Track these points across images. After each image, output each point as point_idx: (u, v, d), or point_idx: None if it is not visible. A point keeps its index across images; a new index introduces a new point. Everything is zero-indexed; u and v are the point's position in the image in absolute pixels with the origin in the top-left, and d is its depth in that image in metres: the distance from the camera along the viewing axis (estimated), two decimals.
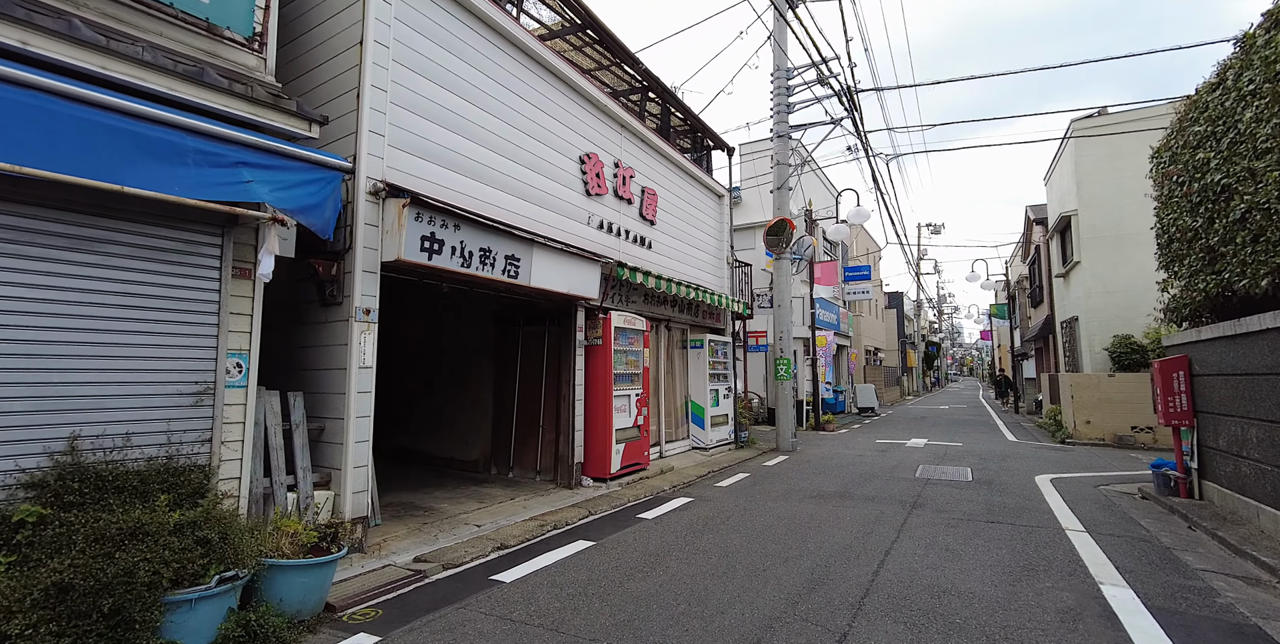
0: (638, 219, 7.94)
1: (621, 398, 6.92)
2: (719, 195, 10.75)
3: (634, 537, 4.78)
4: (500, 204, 5.53)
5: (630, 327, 7.18)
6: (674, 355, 9.27)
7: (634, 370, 7.27)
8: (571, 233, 6.47)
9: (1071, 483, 7.28)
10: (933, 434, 12.89)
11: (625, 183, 7.56)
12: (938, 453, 9.83)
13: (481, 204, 5.25)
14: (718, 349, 9.99)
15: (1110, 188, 12.68)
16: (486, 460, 7.14)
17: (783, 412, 10.47)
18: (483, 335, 7.45)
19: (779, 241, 10.60)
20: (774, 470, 8.18)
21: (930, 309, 48.07)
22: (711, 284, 10.11)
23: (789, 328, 10.64)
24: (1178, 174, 6.03)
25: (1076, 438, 11.67)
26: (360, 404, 4.03)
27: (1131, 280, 12.33)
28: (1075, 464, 8.82)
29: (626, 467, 6.92)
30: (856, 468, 8.29)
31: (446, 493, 6.03)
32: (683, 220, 9.32)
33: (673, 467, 7.88)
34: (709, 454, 9.24)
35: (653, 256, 8.22)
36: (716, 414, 9.72)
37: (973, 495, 6.44)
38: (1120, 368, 11.85)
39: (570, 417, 6.40)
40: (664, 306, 8.63)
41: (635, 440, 7.12)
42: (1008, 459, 9.25)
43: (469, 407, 7.41)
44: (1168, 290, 6.85)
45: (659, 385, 8.66)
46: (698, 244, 9.84)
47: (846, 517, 5.45)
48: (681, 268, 9.12)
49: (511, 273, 5.13)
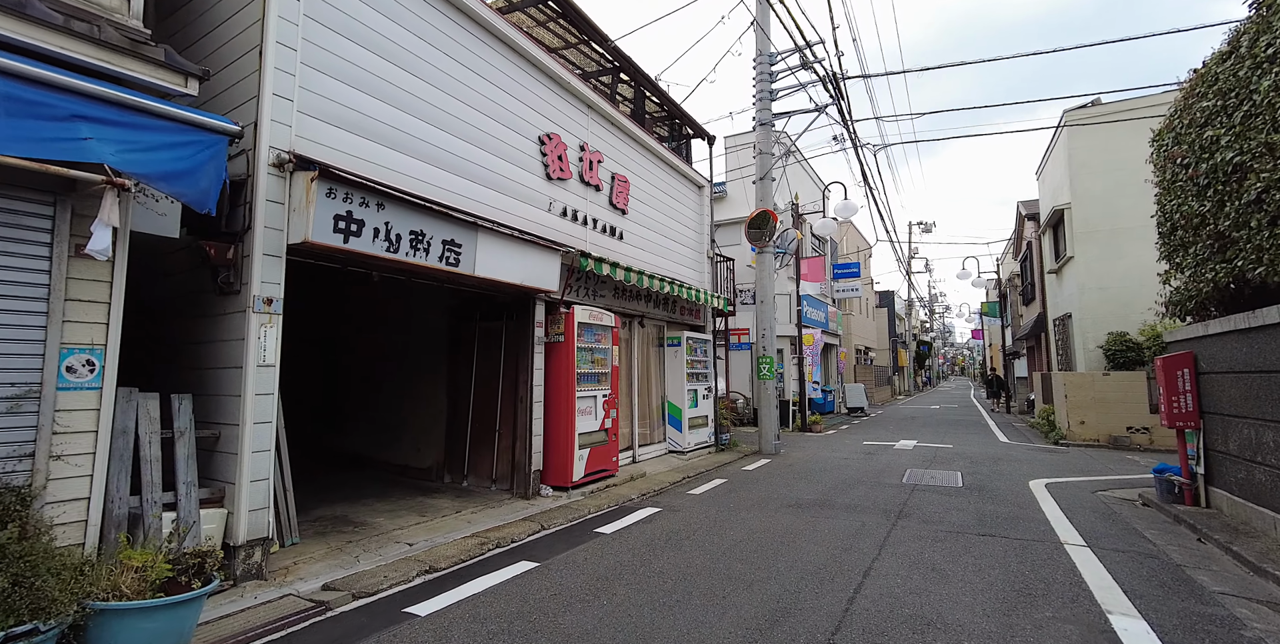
0: (607, 207, 7.42)
1: (586, 399, 6.40)
2: (699, 186, 10.25)
3: (585, 556, 4.26)
4: (443, 184, 5.00)
5: (597, 322, 6.66)
6: (649, 354, 8.76)
7: (601, 370, 6.75)
8: (529, 219, 5.95)
9: (1068, 488, 6.83)
10: (922, 435, 12.45)
11: (592, 168, 7.04)
12: (927, 456, 9.38)
13: (420, 183, 4.72)
14: (697, 347, 9.49)
15: (1104, 180, 12.29)
16: (439, 468, 6.60)
17: (765, 413, 9.98)
18: (437, 332, 6.90)
19: (762, 235, 10.11)
20: (753, 476, 7.68)
21: (922, 308, 47.87)
22: (691, 279, 9.61)
23: (772, 325, 10.16)
24: (1182, 156, 5.58)
25: (1070, 439, 11.26)
26: (260, 408, 3.49)
27: (1127, 276, 11.94)
28: (1070, 467, 8.39)
29: (592, 474, 6.40)
30: (840, 473, 7.81)
31: (388, 505, 5.48)
32: (659, 211, 8.81)
33: (644, 473, 7.36)
34: (686, 458, 8.74)
35: (624, 248, 7.70)
36: (695, 416, 9.22)
37: (963, 503, 5.97)
38: (1115, 366, 11.46)
39: (527, 421, 5.87)
40: (637, 302, 8.11)
41: (602, 445, 6.60)
42: (1000, 462, 8.81)
43: (422, 410, 6.86)
44: (1169, 282, 6.41)
45: (632, 386, 8.15)
46: (676, 236, 9.33)
47: (824, 529, 4.95)
48: (657, 261, 8.61)
49: (451, 260, 4.60)
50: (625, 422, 7.95)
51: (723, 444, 10.01)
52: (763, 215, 9.99)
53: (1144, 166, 12.02)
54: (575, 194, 6.76)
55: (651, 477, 7.25)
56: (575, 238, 6.65)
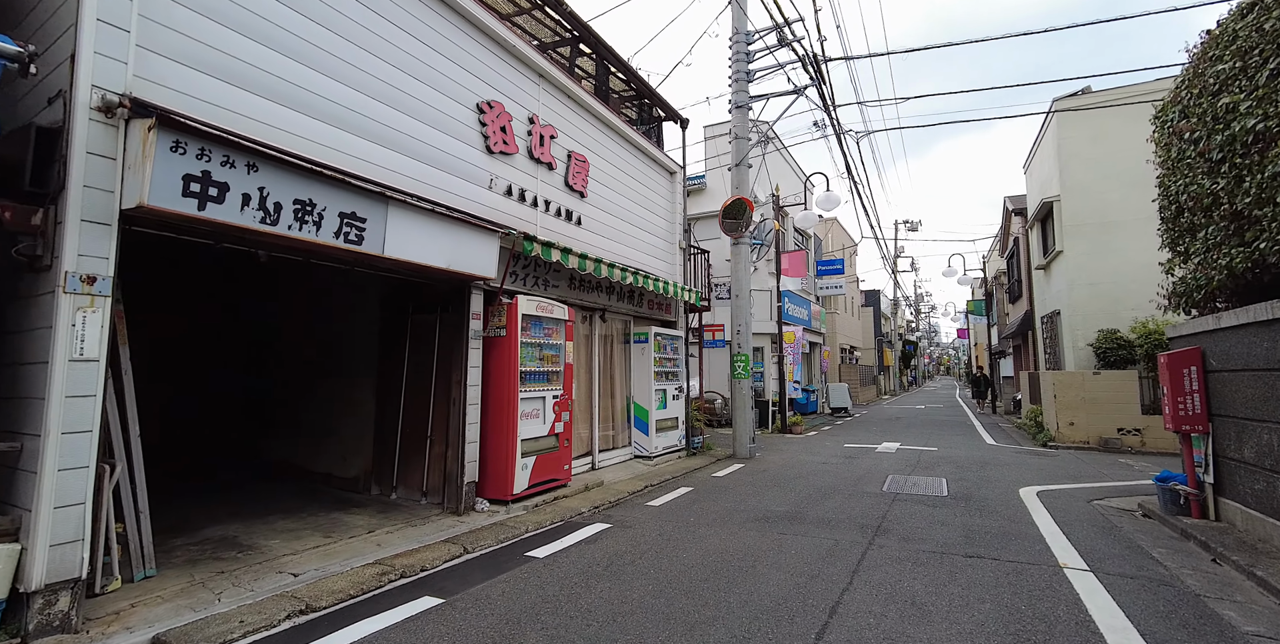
0: (562, 189, 6.73)
1: (533, 400, 5.72)
2: (671, 172, 9.60)
3: (504, 589, 3.58)
4: (355, 151, 4.29)
5: (546, 315, 5.98)
6: (613, 351, 8.09)
7: (552, 367, 6.07)
8: (465, 197, 5.25)
9: (1061, 497, 6.27)
10: (906, 437, 11.92)
11: (544, 143, 6.35)
12: (910, 460, 8.81)
13: (325, 149, 4.01)
14: (666, 344, 8.84)
15: (1095, 172, 11.83)
16: (366, 478, 5.88)
17: (740, 414, 9.36)
18: (370, 325, 6.18)
19: (738, 225, 9.49)
20: (722, 483, 7.05)
21: (908, 308, 47.69)
22: (660, 271, 8.95)
23: (748, 321, 9.54)
24: (1191, 130, 5.02)
25: (1059, 441, 10.77)
26: (74, 414, 2.77)
27: (1117, 271, 11.49)
28: (1061, 472, 7.85)
29: (538, 485, 5.72)
30: (817, 479, 7.20)
31: (294, 523, 4.76)
32: (625, 197, 8.14)
33: (602, 481, 6.69)
34: (653, 464, 8.08)
35: (583, 234, 7.02)
36: (663, 417, 8.57)
37: (948, 516, 5.37)
38: (1105, 365, 10.99)
39: (459, 426, 5.17)
40: (597, 293, 7.44)
41: (551, 452, 5.92)
42: (987, 467, 8.26)
43: (351, 412, 6.13)
44: (1172, 273, 5.86)
45: (592, 386, 7.48)
46: (644, 224, 8.67)
47: (791, 550, 4.32)
48: (622, 250, 7.94)
49: (352, 237, 3.89)
50: (583, 425, 7.28)
51: (694, 448, 9.38)
52: (738, 204, 9.36)
53: (1136, 158, 11.60)
54: (523, 171, 6.07)
55: (610, 486, 6.58)
56: (523, 220, 5.96)
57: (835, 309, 25.88)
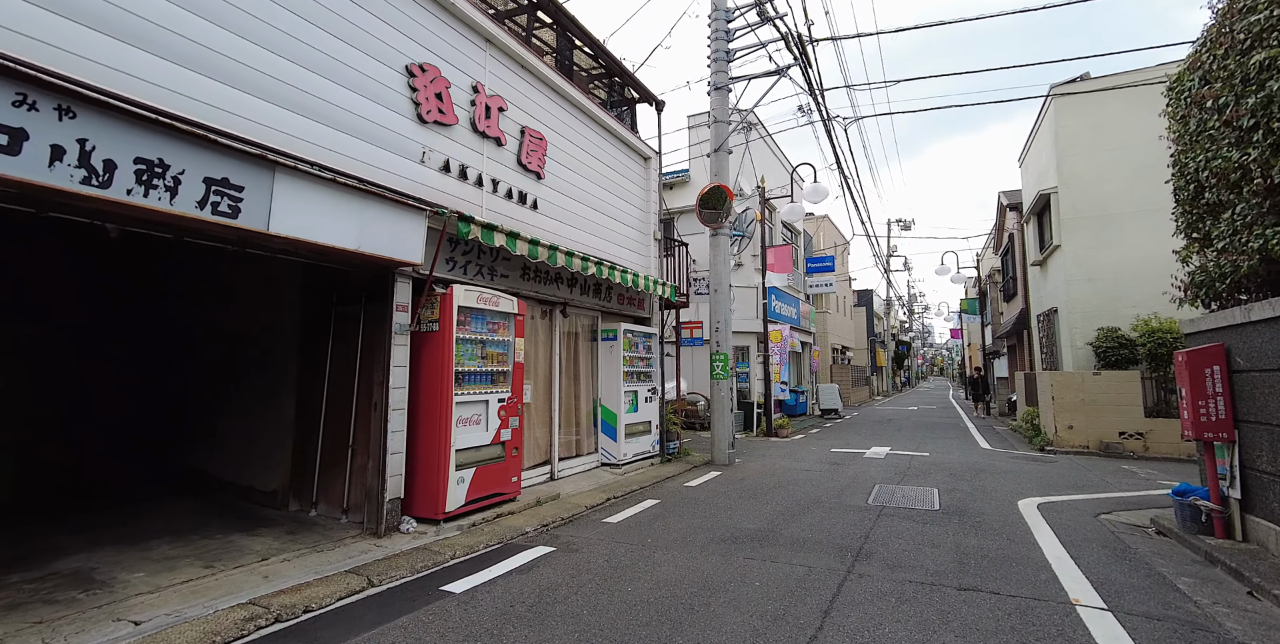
0: (515, 168, 6.07)
1: (472, 404, 5.05)
2: (645, 157, 8.95)
3: (395, 639, 2.91)
4: (246, 111, 3.62)
5: (491, 308, 5.31)
6: (578, 349, 7.42)
7: (498, 367, 5.41)
8: (389, 170, 4.59)
9: (1064, 510, 5.65)
10: (897, 441, 11.31)
11: (490, 116, 5.68)
12: (900, 466, 8.19)
13: (182, 99, 3.34)
14: (638, 342, 8.18)
15: (1094, 162, 11.26)
16: (285, 492, 5.19)
17: (718, 417, 8.72)
18: (292, 318, 5.49)
19: (717, 215, 8.84)
20: (694, 495, 6.40)
21: (901, 308, 47.24)
22: (633, 263, 8.31)
23: (728, 317, 8.90)
24: (1214, 96, 4.41)
25: (1057, 445, 10.19)
26: None
27: (1118, 267, 10.93)
28: (1062, 481, 7.25)
29: (478, 500, 5.04)
30: (798, 489, 6.56)
31: (177, 548, 4.07)
32: (591, 181, 7.48)
33: (559, 494, 6.02)
34: (621, 472, 7.42)
35: (539, 219, 6.36)
36: (634, 421, 7.91)
37: (940, 534, 4.74)
38: (1106, 365, 10.42)
39: (381, 434, 4.50)
40: (557, 286, 6.77)
41: (495, 463, 5.25)
42: (982, 474, 7.65)
43: (272, 417, 5.45)
44: (1188, 261, 5.26)
45: (552, 388, 6.80)
46: (614, 213, 8.01)
47: (756, 581, 3.67)
48: (587, 239, 7.28)
49: (224, 209, 3.22)
50: (541, 431, 6.61)
51: (670, 454, 8.72)
52: (716, 192, 8.72)
53: (1138, 146, 11.04)
54: (464, 146, 5.40)
55: (567, 499, 5.92)
56: (464, 200, 5.29)
57: (826, 308, 25.32)
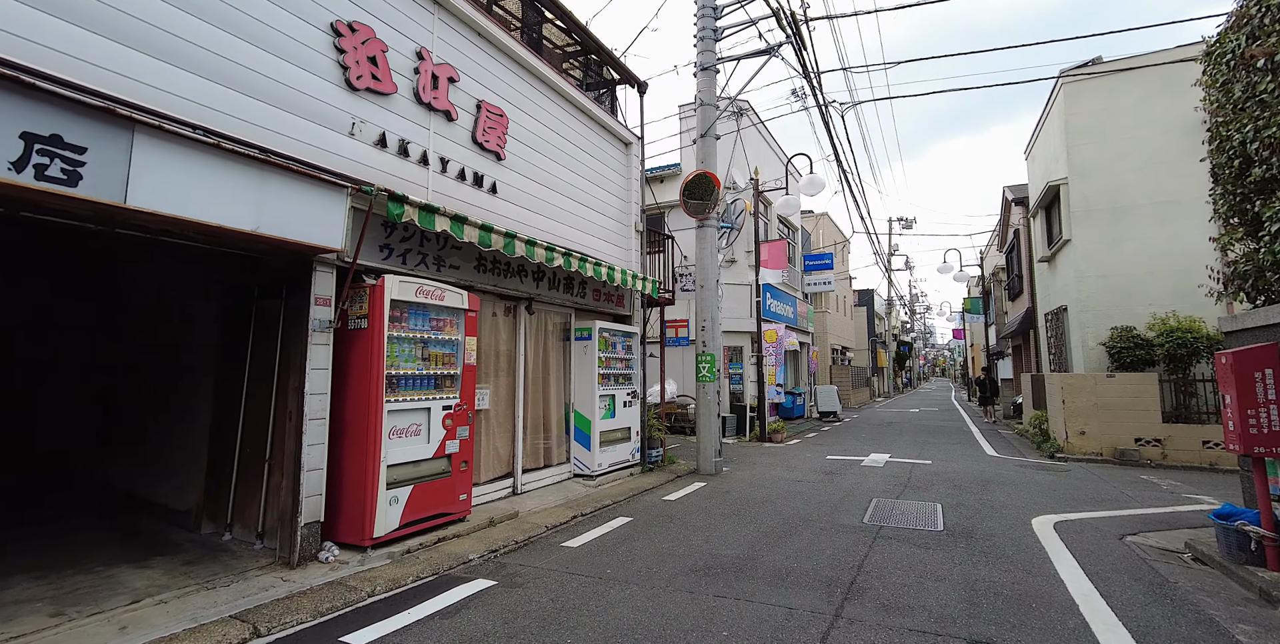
0: (470, 147, 5.44)
1: (410, 412, 4.42)
2: (626, 142, 8.32)
3: None
4: (118, 64, 3.00)
5: (434, 302, 4.69)
6: (547, 349, 6.79)
7: (445, 370, 4.78)
8: (310, 142, 3.96)
9: (1084, 531, 5.01)
10: (898, 447, 10.66)
11: (439, 86, 5.06)
12: (900, 476, 7.55)
13: (56, 54, 2.71)
14: (616, 342, 7.55)
15: (1107, 151, 10.61)
16: (199, 512, 4.56)
17: (704, 423, 8.08)
18: (213, 314, 4.87)
19: (704, 206, 8.22)
20: (671, 511, 5.76)
21: (902, 308, 46.55)
22: (612, 256, 7.68)
23: (715, 315, 8.26)
24: (1268, 53, 3.77)
25: (1069, 452, 9.54)
26: None
27: (1132, 262, 10.28)
28: (1078, 494, 6.60)
29: (418, 522, 4.41)
30: (787, 504, 5.92)
31: (39, 587, 3.43)
32: (562, 165, 6.85)
33: (518, 511, 5.39)
34: (595, 484, 6.78)
35: (499, 205, 5.73)
36: (612, 428, 7.27)
37: (945, 563, 4.10)
38: (1120, 366, 9.77)
39: (296, 446, 3.87)
40: (520, 279, 6.14)
41: (439, 479, 4.62)
42: (990, 486, 7.00)
43: (187, 427, 4.82)
44: (1229, 249, 4.63)
45: (515, 391, 6.17)
46: (590, 201, 7.38)
47: (725, 628, 3.03)
48: (558, 228, 6.65)
49: (56, 174, 2.59)
50: (502, 440, 5.98)
51: (652, 462, 8.08)
52: (702, 180, 8.09)
53: (1154, 134, 10.42)
54: (405, 118, 4.77)
55: (526, 517, 5.29)
56: (405, 180, 4.67)
57: (826, 308, 24.67)
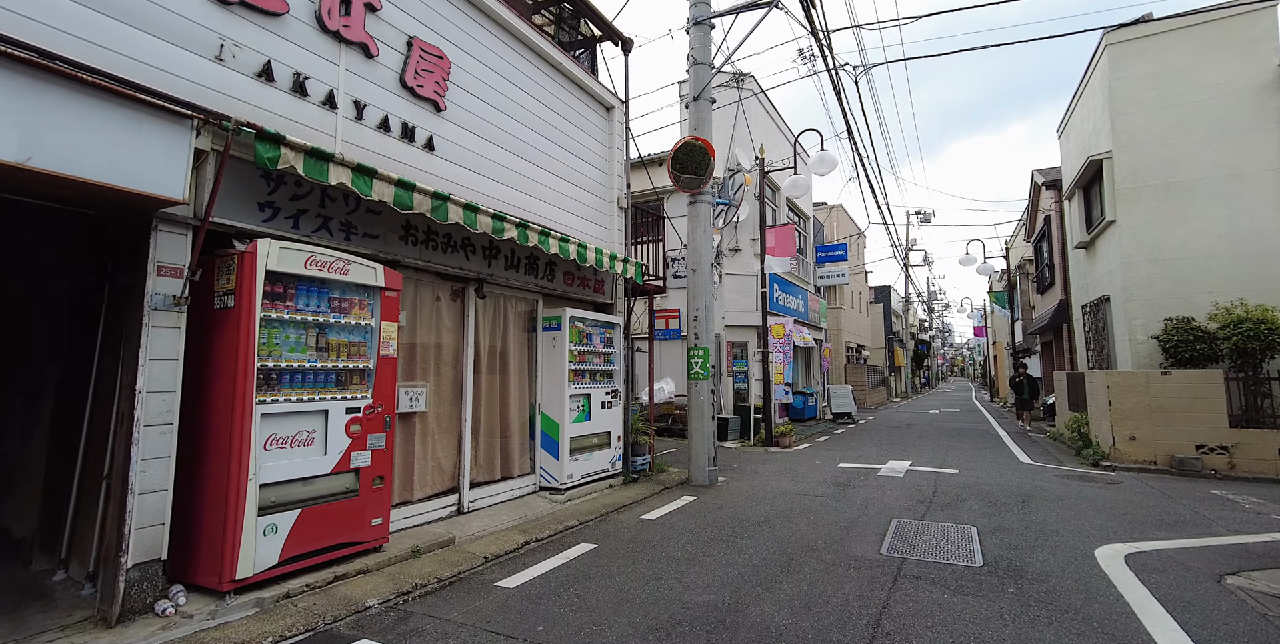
0: (396, 91, 4.47)
1: (297, 416, 3.47)
2: (607, 107, 7.32)
3: None
4: None
5: (335, 277, 3.73)
6: (506, 340, 5.82)
7: (350, 362, 3.83)
8: (157, 65, 3.03)
9: (1169, 569, 3.91)
10: (919, 453, 9.53)
11: (352, 12, 4.09)
12: (923, 489, 6.46)
13: None
14: (592, 333, 6.56)
15: (1158, 120, 9.37)
16: (30, 544, 3.64)
17: (696, 427, 7.05)
18: (63, 298, 3.95)
19: (698, 181, 7.19)
20: (646, 535, 4.76)
21: (920, 305, 44.99)
22: (591, 236, 6.69)
23: (709, 303, 7.24)
24: None
25: (1116, 459, 8.36)
26: None
27: (1188, 243, 9.04)
28: (1143, 514, 5.47)
29: (307, 556, 3.46)
30: (788, 527, 4.89)
31: None
32: (524, 124, 5.87)
33: (453, 537, 4.41)
34: (563, 499, 5.79)
35: (437, 165, 4.76)
36: (587, 433, 6.28)
37: (990, 620, 3.04)
38: (1176, 363, 8.55)
39: (125, 461, 2.93)
40: (466, 255, 5.17)
41: (341, 500, 3.67)
42: (1032, 502, 5.90)
43: (27, 436, 3.91)
44: None
45: (462, 390, 5.20)
46: (561, 169, 6.40)
47: None
48: (518, 198, 5.68)
49: None
50: (444, 449, 5.01)
51: (637, 471, 7.08)
52: (694, 148, 7.06)
53: (1214, 98, 9.05)
54: (303, 48, 3.81)
55: (465, 544, 4.32)
56: (302, 125, 3.72)
57: (840, 304, 23.48)
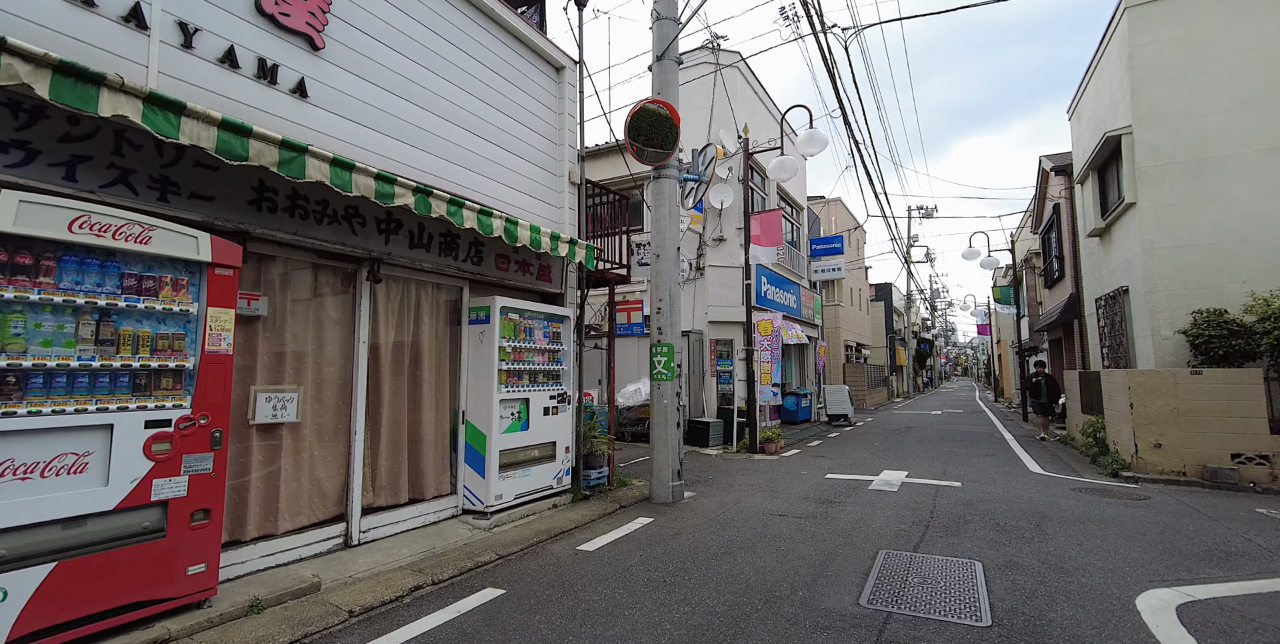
0: (249, 18, 3.53)
1: (57, 434, 2.55)
2: (557, 67, 6.38)
3: None
4: None
5: (125, 247, 2.81)
6: (419, 334, 4.88)
7: (155, 361, 2.91)
8: None
9: (1238, 628, 2.95)
10: (917, 460, 8.57)
11: None
12: (920, 507, 5.51)
13: None
14: (532, 326, 5.62)
15: (1184, 90, 8.40)
16: None
17: (659, 435, 6.11)
18: None
19: (662, 154, 6.24)
20: (573, 576, 3.82)
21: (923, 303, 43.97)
22: (537, 213, 5.76)
23: (674, 292, 6.30)
24: None
25: (1139, 470, 7.41)
26: None
27: (1219, 227, 8.07)
28: (1184, 542, 4.50)
29: (61, 629, 2.53)
30: (752, 562, 3.94)
31: None
32: (444, 78, 4.94)
33: (318, 582, 3.48)
34: (488, 524, 4.85)
35: (313, 116, 3.83)
36: (523, 445, 5.34)
37: None
38: (1208, 361, 7.59)
39: None
40: (351, 229, 4.23)
41: (136, 543, 2.74)
42: (1048, 525, 4.94)
43: None
44: None
45: (353, 394, 4.25)
46: (494, 135, 5.46)
47: None
48: (436, 165, 4.75)
49: None
50: (328, 466, 4.07)
51: (591, 487, 6.14)
52: (654, 115, 6.11)
53: (1250, 64, 7.96)
54: None
55: (330, 593, 3.38)
56: (92, 47, 2.79)
57: (839, 300, 22.53)
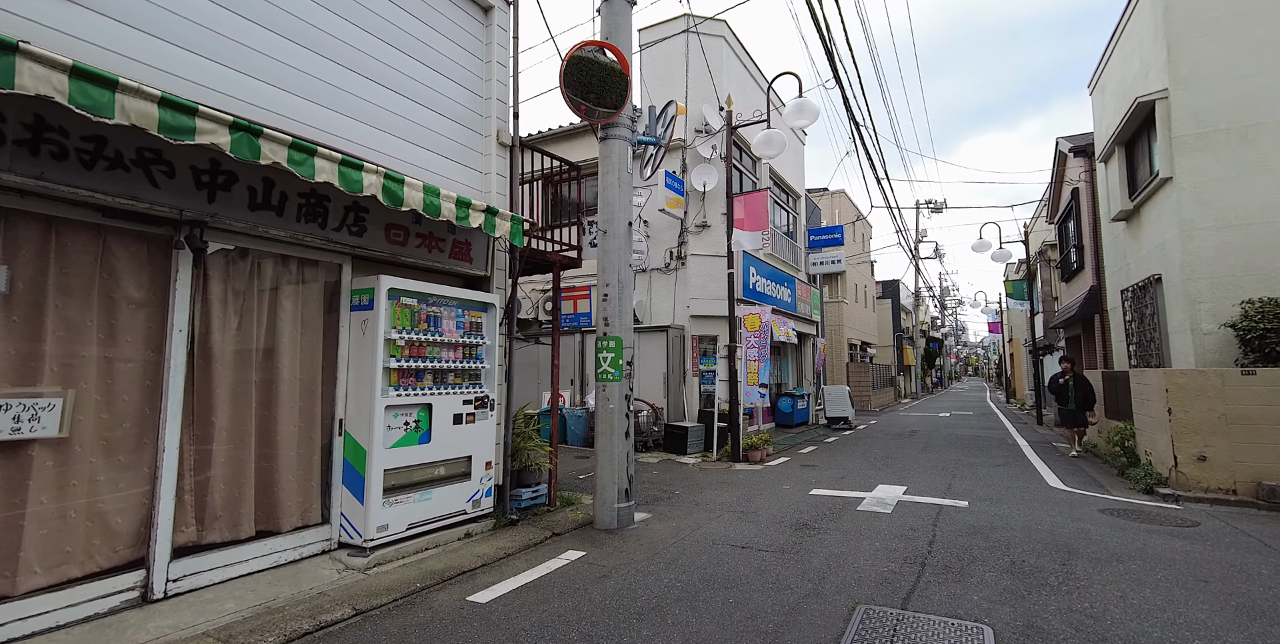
0: None
1: None
2: (484, 7, 5.35)
3: None
4: None
5: None
6: (276, 323, 3.86)
7: None
8: None
9: None
10: (918, 472, 7.48)
11: None
12: (917, 537, 4.43)
13: None
14: (439, 316, 4.58)
15: (1230, 47, 7.26)
16: None
17: (603, 446, 5.07)
18: None
19: (610, 113, 5.18)
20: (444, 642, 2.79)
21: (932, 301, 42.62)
22: (453, 178, 4.74)
23: (625, 275, 5.25)
24: None
25: (1179, 486, 6.31)
26: None
27: (1273, 203, 6.93)
28: (1260, 592, 3.40)
29: None
30: (687, 625, 2.89)
31: None
32: (318, 3, 3.93)
33: None
34: (365, 563, 3.83)
35: (86, 22, 2.83)
36: (421, 462, 4.31)
37: None
38: (1262, 359, 6.46)
39: None
40: (150, 181, 3.22)
41: None
42: (1076, 563, 3.85)
43: None
44: None
45: (161, 398, 3.24)
46: (394, 81, 4.44)
47: None
48: (309, 111, 3.74)
49: None
50: (115, 495, 3.05)
51: (521, 509, 5.11)
52: (594, 63, 5.06)
53: None
54: None
55: None
56: None
57: (843, 296, 21.41)
